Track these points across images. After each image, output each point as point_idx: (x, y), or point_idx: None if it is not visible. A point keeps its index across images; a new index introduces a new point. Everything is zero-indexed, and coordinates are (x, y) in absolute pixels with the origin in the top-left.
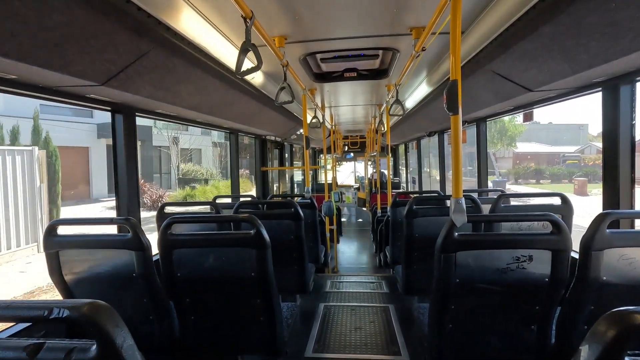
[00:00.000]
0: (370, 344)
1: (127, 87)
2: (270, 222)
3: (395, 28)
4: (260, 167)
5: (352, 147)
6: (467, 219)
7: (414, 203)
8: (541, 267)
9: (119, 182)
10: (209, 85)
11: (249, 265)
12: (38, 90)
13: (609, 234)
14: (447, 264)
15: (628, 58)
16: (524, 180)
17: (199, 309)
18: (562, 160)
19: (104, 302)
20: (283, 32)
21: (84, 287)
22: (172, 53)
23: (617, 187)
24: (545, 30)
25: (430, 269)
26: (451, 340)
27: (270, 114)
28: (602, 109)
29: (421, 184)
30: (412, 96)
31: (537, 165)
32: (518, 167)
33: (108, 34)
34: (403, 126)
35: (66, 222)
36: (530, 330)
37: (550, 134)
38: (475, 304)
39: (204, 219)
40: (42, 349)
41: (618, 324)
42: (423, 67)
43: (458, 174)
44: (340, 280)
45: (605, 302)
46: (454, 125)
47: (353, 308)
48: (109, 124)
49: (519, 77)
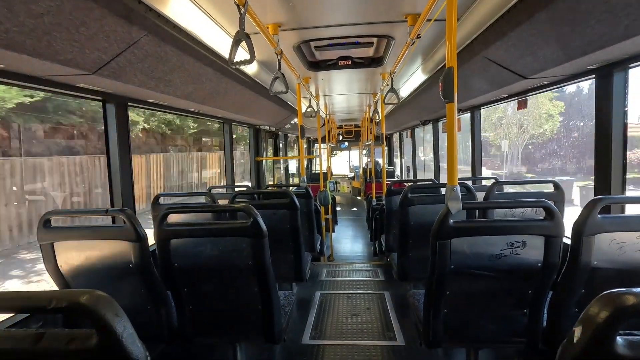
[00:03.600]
0: (366, 330)
1: (118, 76)
2: (266, 211)
3: (390, 15)
4: (254, 157)
5: (347, 136)
6: (462, 206)
7: (409, 191)
8: (534, 252)
9: (112, 173)
10: (202, 74)
11: (246, 254)
12: (27, 80)
13: (600, 219)
14: (443, 251)
15: (623, 44)
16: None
17: (197, 299)
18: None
19: (103, 292)
20: (277, 20)
21: (81, 278)
22: (163, 41)
23: (609, 173)
24: (541, 16)
25: (425, 256)
26: (445, 325)
27: (264, 103)
28: (595, 96)
29: (415, 173)
30: (407, 84)
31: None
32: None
33: (98, 20)
34: (397, 115)
35: (60, 213)
36: (523, 314)
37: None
38: (469, 289)
39: (201, 209)
40: (42, 339)
41: (610, 306)
42: (418, 54)
43: (453, 162)
44: (336, 269)
45: (596, 286)
46: (450, 112)
47: (349, 295)
48: None
49: (513, 64)
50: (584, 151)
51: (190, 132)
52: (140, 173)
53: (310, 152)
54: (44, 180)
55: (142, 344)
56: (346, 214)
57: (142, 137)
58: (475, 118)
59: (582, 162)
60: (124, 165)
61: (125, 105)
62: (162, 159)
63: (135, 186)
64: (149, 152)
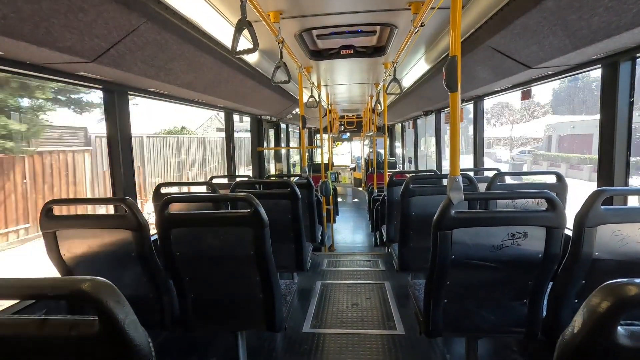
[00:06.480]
0: (366, 319)
1: (118, 64)
2: (268, 201)
3: (393, 2)
4: (256, 147)
5: (349, 126)
6: (464, 196)
7: (411, 182)
8: (535, 243)
9: (113, 162)
10: (202, 63)
11: (248, 244)
12: (26, 68)
13: (602, 211)
14: (444, 241)
15: (631, 33)
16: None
17: (199, 287)
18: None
19: (104, 279)
20: (278, 7)
21: (83, 267)
22: (163, 28)
23: (613, 164)
24: (547, 4)
25: (426, 247)
26: (445, 314)
27: (266, 92)
28: (601, 86)
29: (417, 163)
30: (410, 74)
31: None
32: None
33: (96, 7)
34: (400, 105)
35: (63, 202)
36: (522, 304)
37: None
38: (470, 280)
39: (202, 198)
40: (46, 326)
41: (612, 296)
42: (421, 44)
43: (455, 152)
44: (337, 259)
45: (597, 277)
46: (453, 103)
47: (350, 285)
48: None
49: (518, 53)
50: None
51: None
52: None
53: (312, 143)
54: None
55: (145, 331)
56: (347, 205)
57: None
58: (479, 108)
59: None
60: (125, 154)
61: (126, 94)
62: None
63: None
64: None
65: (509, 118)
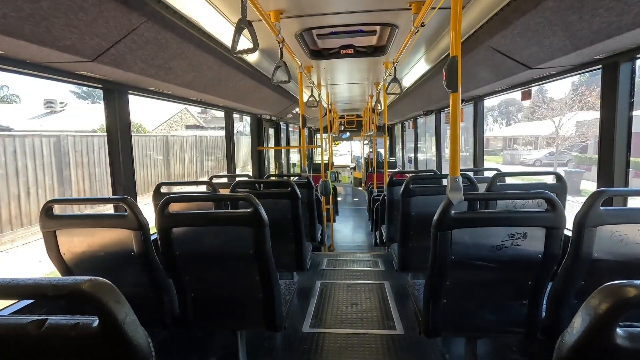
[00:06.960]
0: (366, 319)
1: (118, 63)
2: (268, 201)
3: (394, 2)
4: (256, 146)
5: (349, 126)
6: (464, 197)
7: (411, 182)
8: (535, 243)
9: (113, 161)
10: (203, 62)
11: (247, 243)
12: (26, 67)
13: (602, 211)
14: (444, 242)
15: (631, 34)
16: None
17: (199, 287)
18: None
19: (104, 279)
20: (278, 7)
21: (83, 266)
22: (163, 28)
23: (613, 165)
24: (548, 4)
25: (426, 247)
26: (445, 314)
27: (266, 92)
28: (601, 87)
29: (417, 163)
30: (410, 74)
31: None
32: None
33: (96, 6)
34: (400, 105)
35: (63, 202)
36: (522, 304)
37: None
38: (469, 280)
39: (202, 198)
40: (45, 325)
41: (611, 297)
42: (421, 43)
43: (456, 153)
44: (336, 258)
45: (596, 278)
46: (453, 103)
47: (349, 285)
48: None
49: (519, 53)
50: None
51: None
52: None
53: (312, 142)
54: None
55: (144, 331)
56: (347, 204)
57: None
58: (479, 109)
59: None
60: (125, 153)
61: (126, 94)
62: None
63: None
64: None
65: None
